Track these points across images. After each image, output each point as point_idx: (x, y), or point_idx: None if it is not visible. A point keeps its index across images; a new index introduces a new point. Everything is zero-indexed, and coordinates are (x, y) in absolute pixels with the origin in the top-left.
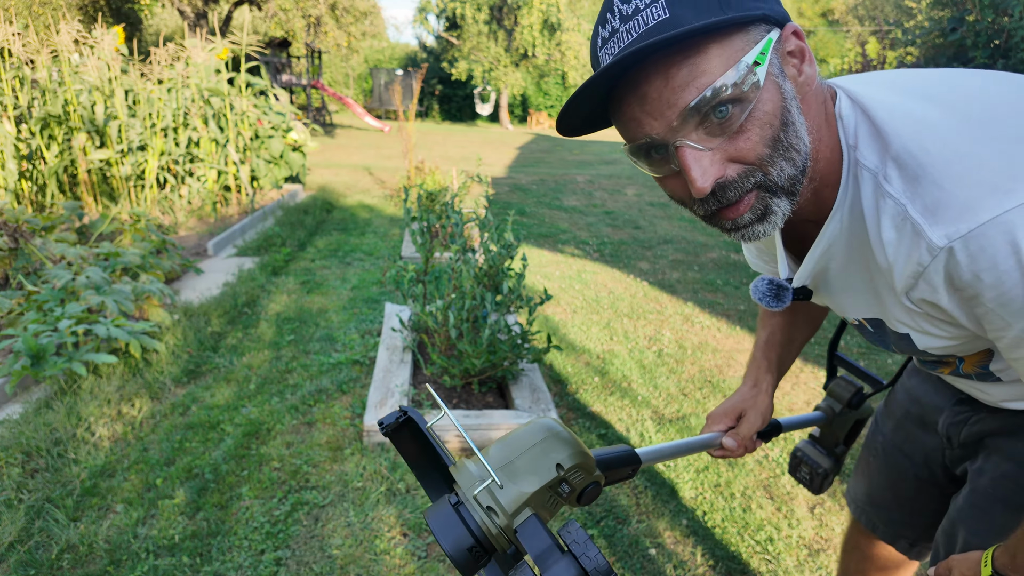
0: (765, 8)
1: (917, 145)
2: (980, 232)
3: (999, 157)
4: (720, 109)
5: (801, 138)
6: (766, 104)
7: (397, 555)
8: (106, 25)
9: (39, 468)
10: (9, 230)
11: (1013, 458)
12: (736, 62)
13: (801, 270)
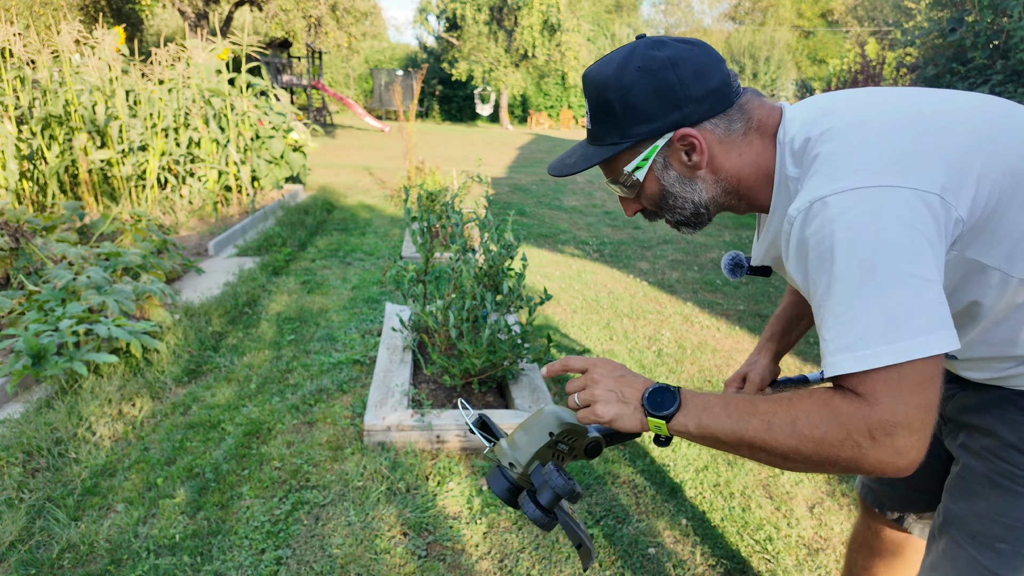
0: (661, 124)
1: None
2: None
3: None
4: (626, 186)
5: (685, 199)
6: (648, 189)
7: (397, 554)
8: (107, 26)
9: (40, 467)
10: (10, 230)
11: (992, 430)
12: (623, 168)
13: (753, 253)
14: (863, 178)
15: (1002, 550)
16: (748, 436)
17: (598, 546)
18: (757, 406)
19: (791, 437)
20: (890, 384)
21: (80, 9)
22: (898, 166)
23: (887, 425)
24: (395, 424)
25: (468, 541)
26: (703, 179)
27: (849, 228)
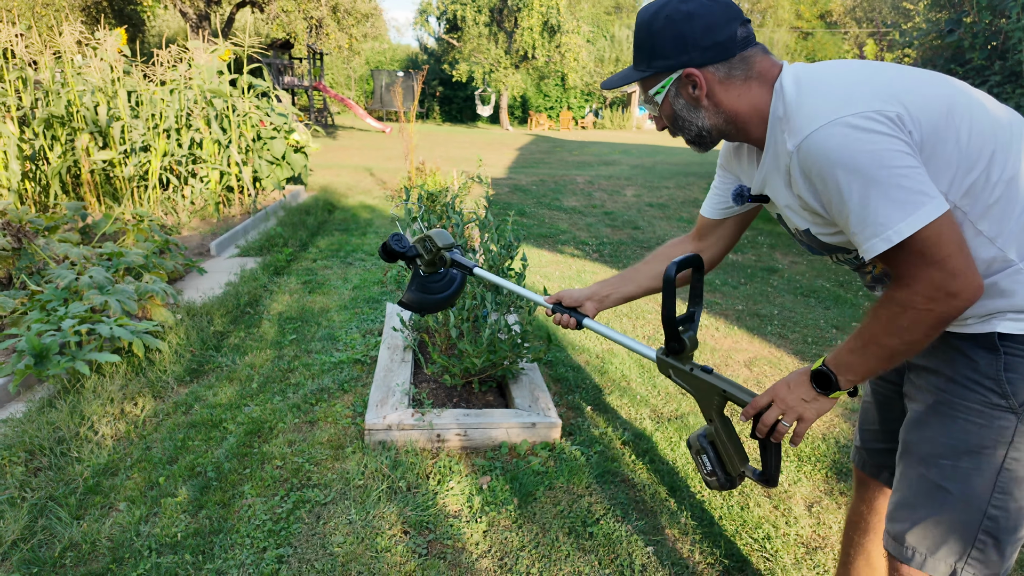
0: (673, 62)
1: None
2: (805, 140)
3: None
4: (651, 104)
5: (691, 123)
6: (665, 109)
7: (398, 553)
8: (109, 27)
9: (42, 466)
10: (13, 230)
11: (933, 367)
12: (648, 90)
13: (754, 183)
14: (836, 111)
15: (943, 465)
16: (882, 356)
17: (598, 545)
18: (862, 335)
19: (893, 337)
20: (915, 255)
21: (82, 10)
22: (863, 97)
23: (934, 287)
24: (396, 423)
25: (468, 539)
26: (706, 109)
27: (840, 152)
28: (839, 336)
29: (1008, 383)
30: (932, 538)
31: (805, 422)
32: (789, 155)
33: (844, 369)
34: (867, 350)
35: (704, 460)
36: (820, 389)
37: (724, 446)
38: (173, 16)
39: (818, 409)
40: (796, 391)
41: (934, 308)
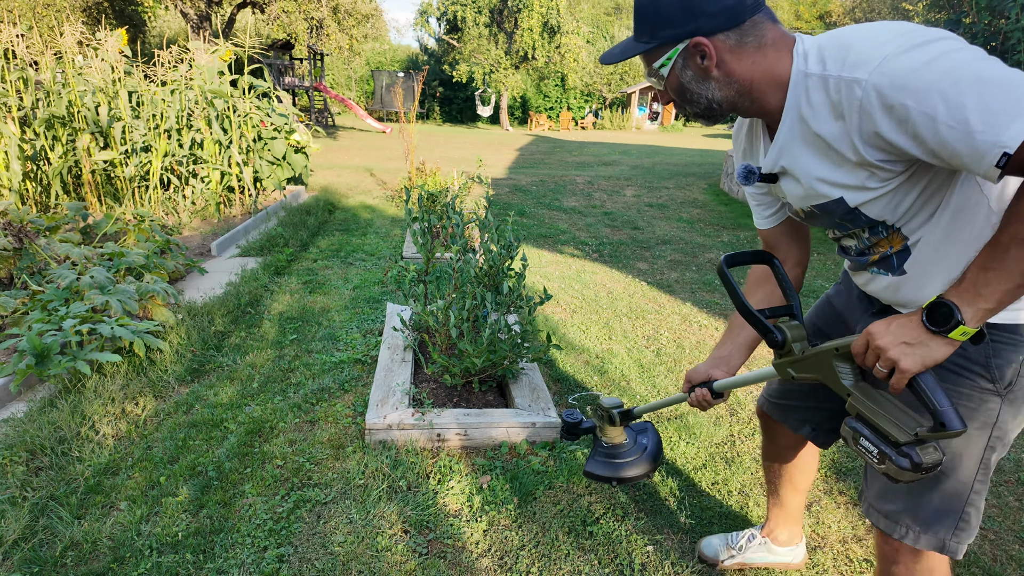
0: (680, 31)
1: (837, 44)
2: (882, 62)
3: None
4: (655, 78)
5: (700, 95)
6: (671, 82)
7: (398, 552)
8: (110, 27)
9: (43, 466)
10: (14, 230)
11: None
12: (652, 63)
13: (766, 160)
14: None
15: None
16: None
17: (597, 543)
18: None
19: None
20: None
21: (83, 11)
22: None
23: None
24: (396, 423)
25: (468, 539)
26: (716, 80)
27: (910, 74)
28: None
29: (996, 368)
30: (925, 516)
31: (902, 373)
32: (861, 89)
33: (972, 294)
34: (1007, 256)
35: (865, 445)
36: (935, 327)
37: (875, 412)
38: (174, 17)
39: (923, 357)
40: (897, 332)
41: None
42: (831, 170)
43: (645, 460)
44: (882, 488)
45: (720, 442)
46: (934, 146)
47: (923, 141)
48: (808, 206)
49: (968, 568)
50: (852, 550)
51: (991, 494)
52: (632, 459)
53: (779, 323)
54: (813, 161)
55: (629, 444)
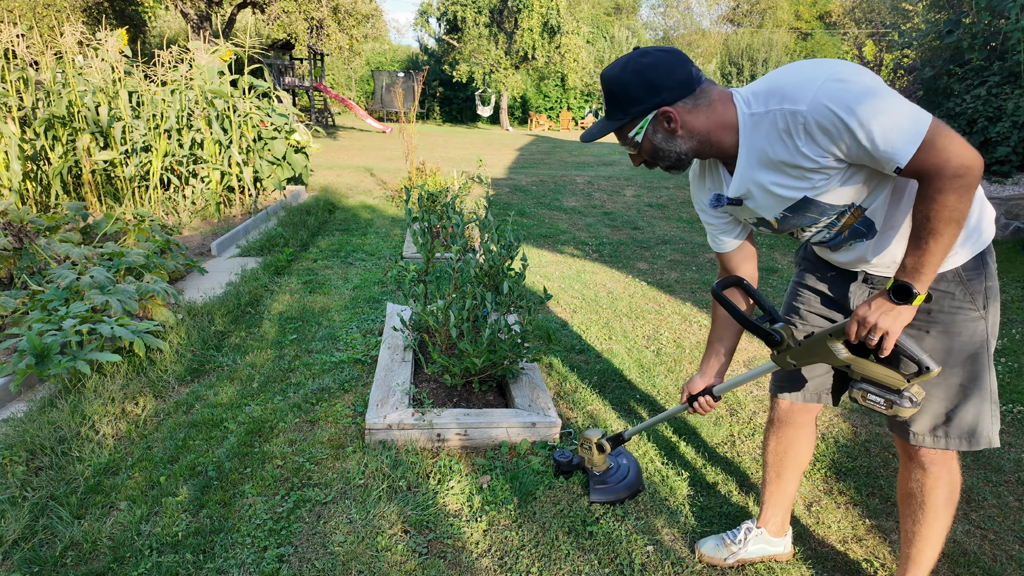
0: (647, 105)
1: (770, 88)
2: (814, 94)
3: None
4: (630, 144)
5: (670, 151)
6: (645, 146)
7: (398, 552)
8: (110, 27)
9: (43, 466)
10: (14, 230)
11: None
12: (628, 134)
13: (731, 188)
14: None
15: (957, 371)
16: (942, 247)
17: (597, 543)
18: (920, 237)
19: (948, 224)
20: (931, 147)
21: (83, 11)
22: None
23: (957, 164)
24: (396, 423)
25: (468, 539)
26: (681, 137)
27: (837, 102)
28: None
29: (975, 298)
30: (969, 425)
31: (892, 335)
32: (803, 118)
33: (915, 274)
34: (928, 247)
35: (873, 400)
36: (901, 301)
37: (875, 372)
38: (174, 17)
39: (902, 321)
40: (879, 310)
41: (965, 181)
42: (789, 180)
43: (634, 476)
44: (934, 417)
45: (720, 442)
46: (855, 153)
47: (848, 149)
48: (780, 212)
49: (968, 568)
50: (852, 550)
51: (991, 494)
52: (626, 477)
53: (774, 328)
54: (773, 177)
55: (615, 466)
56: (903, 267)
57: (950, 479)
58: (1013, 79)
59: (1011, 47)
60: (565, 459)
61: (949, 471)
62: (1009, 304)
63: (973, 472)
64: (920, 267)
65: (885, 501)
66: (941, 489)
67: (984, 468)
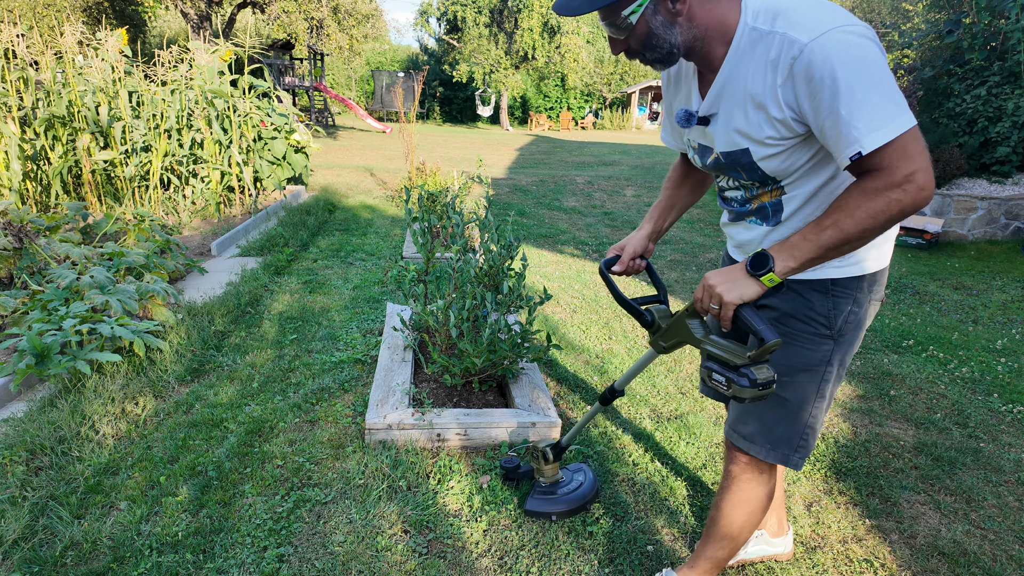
0: None
1: (783, 7)
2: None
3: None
4: (620, 27)
5: (665, 40)
6: (639, 30)
7: (398, 552)
8: (110, 27)
9: (43, 466)
10: (14, 230)
11: (778, 307)
12: (621, 12)
13: (703, 104)
14: (836, 21)
15: (783, 381)
16: (831, 243)
17: (597, 544)
18: (821, 222)
19: (855, 223)
20: (897, 152)
21: (83, 11)
22: (845, 18)
23: (908, 176)
24: (396, 423)
25: (468, 539)
26: (680, 25)
27: (839, 56)
28: None
29: (833, 318)
30: (775, 435)
31: (727, 305)
32: (800, 50)
33: (785, 253)
34: (822, 234)
35: (717, 379)
36: (752, 270)
37: (719, 349)
38: (174, 17)
39: (740, 291)
40: (723, 274)
41: (904, 198)
42: (747, 121)
43: (581, 494)
44: (739, 414)
45: (720, 442)
46: (824, 120)
47: (819, 112)
48: (720, 151)
49: (968, 568)
50: (852, 550)
51: (991, 494)
52: (566, 494)
53: (649, 308)
54: (737, 110)
55: (566, 481)
56: (784, 240)
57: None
58: (1013, 79)
59: (1011, 47)
60: (511, 465)
61: (754, 482)
62: (1009, 304)
63: (973, 472)
64: (797, 249)
65: (885, 501)
66: (737, 494)
67: (984, 468)
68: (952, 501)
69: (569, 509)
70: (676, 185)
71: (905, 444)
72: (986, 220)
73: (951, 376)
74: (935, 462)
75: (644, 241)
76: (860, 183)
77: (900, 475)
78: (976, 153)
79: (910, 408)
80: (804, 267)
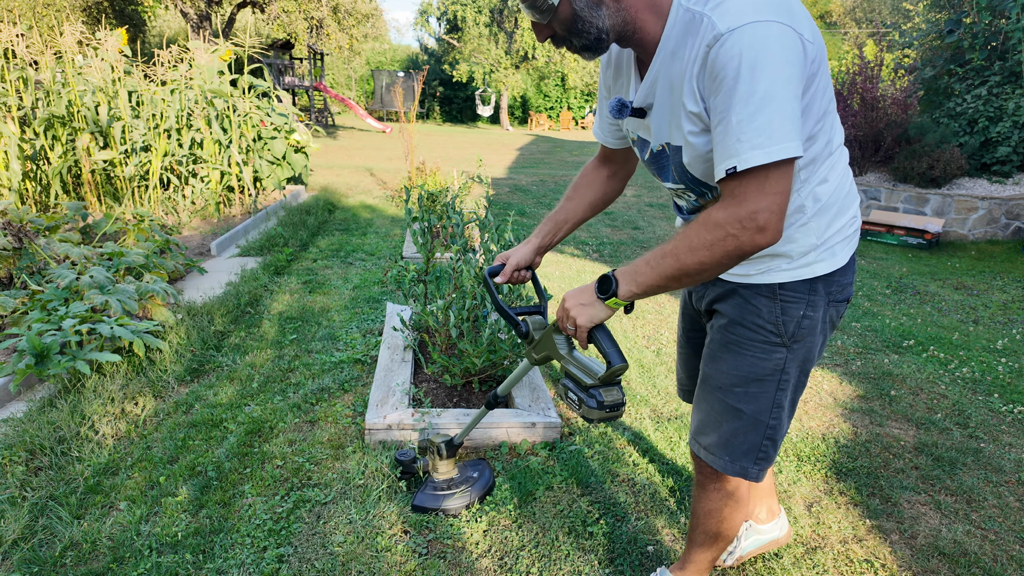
0: None
1: None
2: (743, 26)
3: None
4: (541, 10)
5: (591, 23)
6: (562, 13)
7: (398, 552)
8: (110, 27)
9: (43, 466)
10: (13, 230)
11: (726, 314)
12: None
13: (637, 94)
14: (758, 14)
15: (737, 392)
16: (669, 272)
17: (597, 544)
18: (664, 249)
19: (692, 255)
20: (756, 182)
21: (83, 10)
22: (781, 9)
23: (751, 214)
24: (396, 423)
25: (468, 539)
26: (607, 6)
27: (749, 53)
28: None
29: (783, 324)
30: (732, 447)
31: (580, 328)
32: (716, 38)
33: (629, 278)
34: (662, 262)
35: (570, 396)
36: (600, 294)
37: (575, 367)
38: (174, 16)
39: (590, 315)
40: (579, 296)
41: (740, 236)
42: (674, 114)
43: (471, 492)
44: (699, 424)
45: None
46: (717, 120)
47: (715, 111)
48: (659, 146)
49: (968, 568)
50: (852, 550)
51: (992, 494)
52: (457, 491)
53: (525, 319)
54: (673, 96)
55: (459, 478)
56: (633, 263)
57: (719, 499)
58: (1014, 79)
59: (1012, 47)
60: (407, 458)
61: (721, 491)
62: (1010, 304)
63: (974, 472)
64: (640, 275)
65: (886, 501)
66: (707, 502)
67: (985, 468)
68: (953, 501)
69: (454, 507)
70: (577, 195)
71: (906, 444)
72: (987, 220)
73: (952, 376)
74: (936, 462)
75: (531, 254)
76: (709, 212)
77: (900, 475)
78: (977, 153)
79: (911, 408)
80: (647, 293)
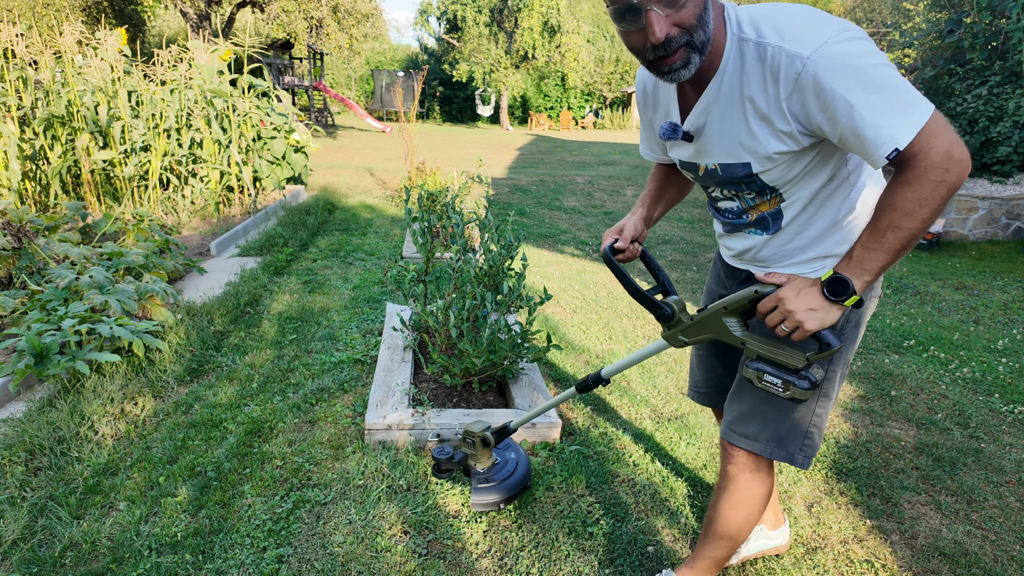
0: None
1: (769, 17)
2: (824, 44)
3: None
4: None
5: (709, 21)
6: (691, 7)
7: (398, 552)
8: (109, 27)
9: (42, 466)
10: (13, 230)
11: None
12: None
13: (690, 118)
14: (825, 32)
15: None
16: (897, 244)
17: (597, 544)
18: (876, 227)
19: (911, 218)
20: (928, 132)
21: (82, 10)
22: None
23: (945, 153)
24: (396, 423)
25: (468, 539)
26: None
27: (844, 64)
28: None
29: None
30: (779, 435)
31: (803, 332)
32: (801, 64)
33: (856, 270)
34: (884, 239)
35: (770, 381)
36: (833, 297)
37: (772, 350)
38: (173, 16)
39: (822, 319)
40: (803, 299)
41: (947, 176)
42: (750, 134)
43: (522, 472)
44: (738, 416)
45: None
46: (844, 129)
47: (837, 123)
48: (714, 164)
49: (969, 568)
50: (853, 551)
51: (992, 494)
52: (512, 473)
53: (666, 301)
54: (736, 122)
55: (501, 462)
56: (848, 256)
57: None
58: (1014, 79)
59: (1012, 47)
60: (445, 456)
61: (753, 481)
62: (1010, 304)
63: (974, 472)
64: (867, 262)
65: (886, 501)
66: (736, 493)
67: (985, 468)
68: (953, 502)
69: (518, 492)
70: (662, 181)
71: (906, 444)
72: (987, 220)
73: (952, 376)
74: (936, 462)
75: (640, 224)
76: (900, 177)
77: (901, 475)
78: (977, 153)
79: (911, 408)
80: (878, 276)
